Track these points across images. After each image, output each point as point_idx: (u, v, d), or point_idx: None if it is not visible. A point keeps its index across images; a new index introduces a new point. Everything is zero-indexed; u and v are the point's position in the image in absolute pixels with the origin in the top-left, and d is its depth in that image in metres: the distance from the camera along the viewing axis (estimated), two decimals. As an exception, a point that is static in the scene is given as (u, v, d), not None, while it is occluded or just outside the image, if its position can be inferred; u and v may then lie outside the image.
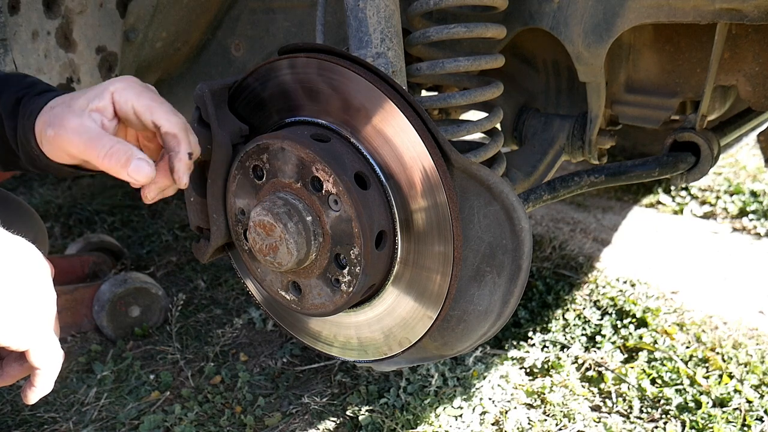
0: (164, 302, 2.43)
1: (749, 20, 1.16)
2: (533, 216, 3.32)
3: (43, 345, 0.84)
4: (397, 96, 0.95)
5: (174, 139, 0.92)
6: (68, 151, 0.89)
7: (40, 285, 0.84)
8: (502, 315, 1.07)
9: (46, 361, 0.84)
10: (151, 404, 2.05)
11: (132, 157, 0.86)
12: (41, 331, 0.83)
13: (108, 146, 0.86)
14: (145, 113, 0.91)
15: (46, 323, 0.84)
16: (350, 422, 1.95)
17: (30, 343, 0.82)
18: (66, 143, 0.88)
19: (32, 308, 0.82)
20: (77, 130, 0.88)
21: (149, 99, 0.92)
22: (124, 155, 0.86)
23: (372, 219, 0.95)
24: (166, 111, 0.92)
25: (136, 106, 0.91)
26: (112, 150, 0.86)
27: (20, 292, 0.80)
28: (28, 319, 0.81)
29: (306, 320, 1.20)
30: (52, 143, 0.90)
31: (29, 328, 0.81)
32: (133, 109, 0.91)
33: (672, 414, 1.95)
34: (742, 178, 3.63)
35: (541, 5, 1.38)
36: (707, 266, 2.86)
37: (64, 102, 0.92)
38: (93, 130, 0.88)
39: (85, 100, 0.91)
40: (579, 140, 1.59)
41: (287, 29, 1.79)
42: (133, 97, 0.91)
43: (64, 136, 0.88)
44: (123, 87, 0.92)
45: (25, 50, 1.59)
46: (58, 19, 1.63)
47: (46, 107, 0.93)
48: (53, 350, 0.85)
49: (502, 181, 1.00)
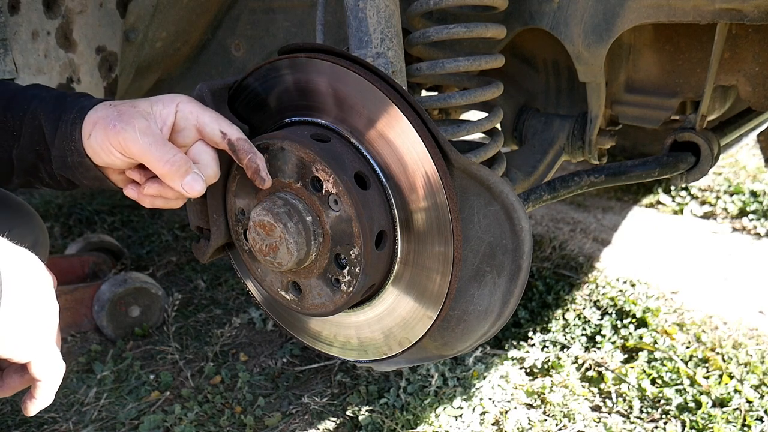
0: (164, 302, 2.43)
1: (749, 20, 1.16)
2: (533, 216, 3.32)
3: (45, 357, 0.84)
4: (397, 96, 0.95)
5: (246, 143, 0.96)
6: (127, 149, 0.91)
7: (42, 296, 0.84)
8: (502, 315, 1.07)
9: (47, 373, 0.84)
10: (151, 404, 2.05)
11: (190, 170, 0.93)
12: (43, 343, 0.83)
13: (172, 154, 0.91)
14: (212, 123, 0.96)
15: (48, 335, 0.84)
16: (350, 422, 1.95)
17: (31, 355, 0.82)
18: (130, 141, 0.90)
19: (34, 320, 0.81)
20: (144, 130, 0.91)
21: (212, 113, 0.98)
22: (184, 166, 0.92)
23: (372, 219, 0.95)
24: (229, 122, 0.98)
25: (202, 117, 0.96)
26: (175, 158, 0.91)
27: (22, 304, 0.79)
28: (30, 331, 0.81)
29: (306, 320, 1.20)
30: (112, 137, 0.91)
31: (31, 340, 0.81)
32: (197, 121, 0.96)
33: (672, 414, 1.95)
34: (742, 178, 3.64)
35: (541, 5, 1.38)
36: (707, 266, 2.86)
37: (127, 103, 0.95)
38: (159, 135, 0.92)
39: (149, 104, 0.95)
40: (579, 140, 1.59)
41: (287, 29, 1.79)
42: (198, 110, 0.96)
43: (130, 133, 0.90)
44: (187, 100, 0.97)
45: (25, 50, 1.59)
46: (58, 19, 1.63)
47: (104, 104, 0.95)
48: (54, 362, 0.85)
49: (502, 181, 1.00)
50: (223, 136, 0.96)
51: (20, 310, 0.79)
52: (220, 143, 0.97)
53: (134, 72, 1.97)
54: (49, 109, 0.98)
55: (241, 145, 0.96)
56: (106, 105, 0.95)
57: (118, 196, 3.58)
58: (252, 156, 0.96)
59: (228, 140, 0.96)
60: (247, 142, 0.97)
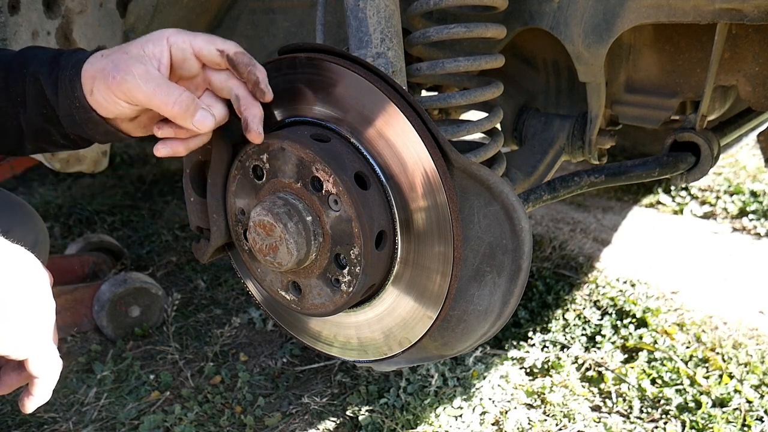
0: (164, 302, 2.43)
1: (749, 20, 1.16)
2: (533, 216, 3.33)
3: (42, 354, 0.83)
4: (397, 96, 0.95)
5: (244, 56, 0.94)
6: (133, 97, 0.89)
7: (39, 294, 0.84)
8: (502, 315, 1.07)
9: (44, 370, 0.84)
10: (151, 404, 2.05)
11: (198, 107, 0.91)
12: (40, 341, 0.83)
13: (177, 94, 0.89)
14: (207, 45, 0.93)
15: (45, 332, 0.84)
16: (350, 422, 1.95)
17: (28, 352, 0.81)
18: (134, 89, 0.88)
19: (31, 318, 0.81)
20: (144, 76, 0.88)
21: (204, 35, 0.94)
22: (192, 104, 0.90)
23: (372, 219, 0.95)
24: (223, 39, 0.95)
25: (196, 43, 0.93)
26: (181, 98, 0.89)
27: (19, 302, 0.79)
28: (27, 328, 0.81)
29: (306, 320, 1.20)
30: (115, 88, 0.89)
31: (28, 338, 0.81)
32: (191, 48, 0.93)
33: (672, 414, 1.95)
34: (742, 178, 3.64)
35: (541, 5, 1.38)
36: (707, 266, 2.86)
37: (118, 50, 0.92)
38: (159, 77, 0.90)
39: (140, 47, 0.92)
40: (579, 140, 1.59)
41: (287, 29, 1.79)
42: (190, 37, 0.94)
43: (132, 82, 0.88)
44: (176, 32, 0.94)
45: (25, 50, 1.58)
46: (58, 18, 1.63)
47: (96, 55, 0.93)
48: (52, 359, 0.85)
49: (502, 181, 1.00)
50: (221, 54, 0.94)
51: (16, 308, 0.79)
52: (220, 62, 0.95)
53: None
54: (47, 70, 0.96)
55: (239, 58, 0.94)
56: (98, 56, 0.92)
57: (117, 196, 3.59)
58: (252, 68, 0.94)
59: (227, 56, 0.94)
60: (245, 55, 0.94)
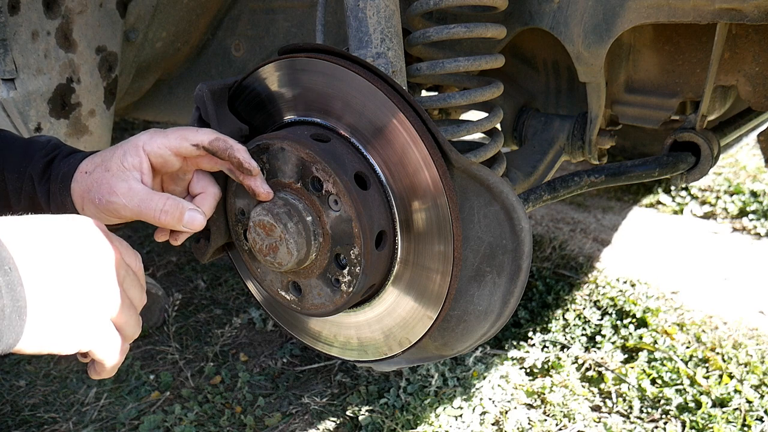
0: (164, 302, 2.43)
1: (749, 20, 1.16)
2: (533, 216, 3.33)
3: (96, 341, 0.77)
4: (397, 96, 0.95)
5: (221, 141, 0.94)
6: (121, 215, 0.93)
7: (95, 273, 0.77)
8: (502, 315, 1.07)
9: (104, 354, 0.79)
10: (151, 404, 2.05)
11: (184, 210, 0.93)
12: (87, 329, 0.76)
13: (161, 204, 0.92)
14: (182, 143, 0.94)
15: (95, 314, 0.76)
16: (350, 422, 1.95)
17: (79, 345, 0.75)
18: (120, 209, 0.92)
19: (83, 307, 0.74)
20: (128, 194, 0.91)
21: (176, 131, 0.95)
22: (178, 210, 0.92)
23: (372, 219, 0.95)
24: (195, 129, 0.95)
25: (171, 144, 0.94)
26: (165, 207, 0.92)
27: (55, 296, 0.72)
28: (79, 321, 0.74)
29: (306, 320, 1.20)
30: (103, 209, 0.92)
31: (71, 332, 0.74)
32: (168, 150, 0.94)
33: (672, 414, 1.95)
34: (742, 178, 3.63)
35: (541, 5, 1.38)
36: (707, 266, 2.86)
37: (99, 165, 0.94)
38: (142, 191, 0.92)
39: (119, 161, 0.93)
40: (579, 140, 1.59)
41: (287, 29, 1.79)
42: (163, 140, 0.94)
43: (118, 203, 0.91)
44: (149, 137, 0.95)
45: (25, 50, 1.59)
46: (58, 19, 1.63)
47: (81, 173, 0.95)
48: (111, 341, 0.79)
49: (502, 181, 1.00)
50: (197, 147, 0.94)
51: (52, 305, 0.72)
52: (199, 153, 0.96)
53: (134, 72, 1.97)
54: (39, 181, 0.98)
55: (215, 146, 0.94)
56: (82, 174, 0.94)
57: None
58: (230, 152, 0.94)
59: (203, 148, 0.94)
60: (220, 140, 0.94)
